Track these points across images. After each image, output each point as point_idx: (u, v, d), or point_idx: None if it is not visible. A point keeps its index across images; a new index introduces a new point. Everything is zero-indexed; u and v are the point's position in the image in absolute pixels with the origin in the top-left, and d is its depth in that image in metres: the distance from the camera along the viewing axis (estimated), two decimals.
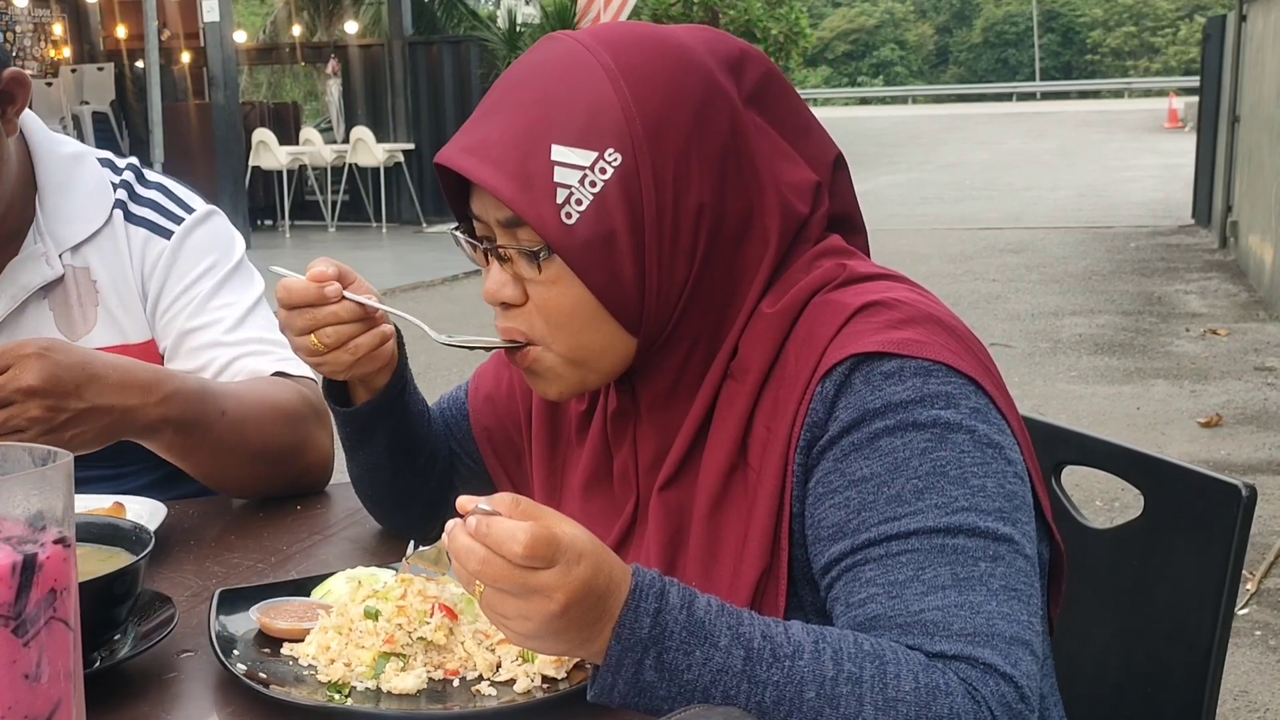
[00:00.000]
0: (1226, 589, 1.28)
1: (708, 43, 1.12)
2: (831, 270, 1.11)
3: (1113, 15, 65.78)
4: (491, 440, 1.38)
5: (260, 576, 1.34)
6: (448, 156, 1.09)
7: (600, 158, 1.04)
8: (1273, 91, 9.12)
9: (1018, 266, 10.46)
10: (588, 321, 1.09)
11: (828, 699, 0.91)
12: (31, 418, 1.31)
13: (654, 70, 1.07)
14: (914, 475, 1.00)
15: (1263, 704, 3.19)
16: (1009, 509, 1.00)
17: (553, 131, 1.04)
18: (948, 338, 1.05)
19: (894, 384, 1.02)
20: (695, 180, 1.07)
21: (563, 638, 0.92)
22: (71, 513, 0.78)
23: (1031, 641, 0.97)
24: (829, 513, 1.03)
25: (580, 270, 1.06)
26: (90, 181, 1.66)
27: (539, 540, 0.87)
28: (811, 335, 1.07)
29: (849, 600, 1.00)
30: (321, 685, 1.05)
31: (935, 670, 0.93)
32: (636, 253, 1.06)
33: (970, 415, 1.01)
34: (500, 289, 1.12)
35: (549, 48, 1.11)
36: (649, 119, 1.05)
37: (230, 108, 12.85)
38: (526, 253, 1.08)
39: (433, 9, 18.66)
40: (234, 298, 1.67)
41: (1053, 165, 21.14)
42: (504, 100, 1.09)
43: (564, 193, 1.04)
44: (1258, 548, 4.03)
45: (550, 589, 0.88)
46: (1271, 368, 6.72)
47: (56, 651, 0.78)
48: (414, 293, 10.25)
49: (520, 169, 1.04)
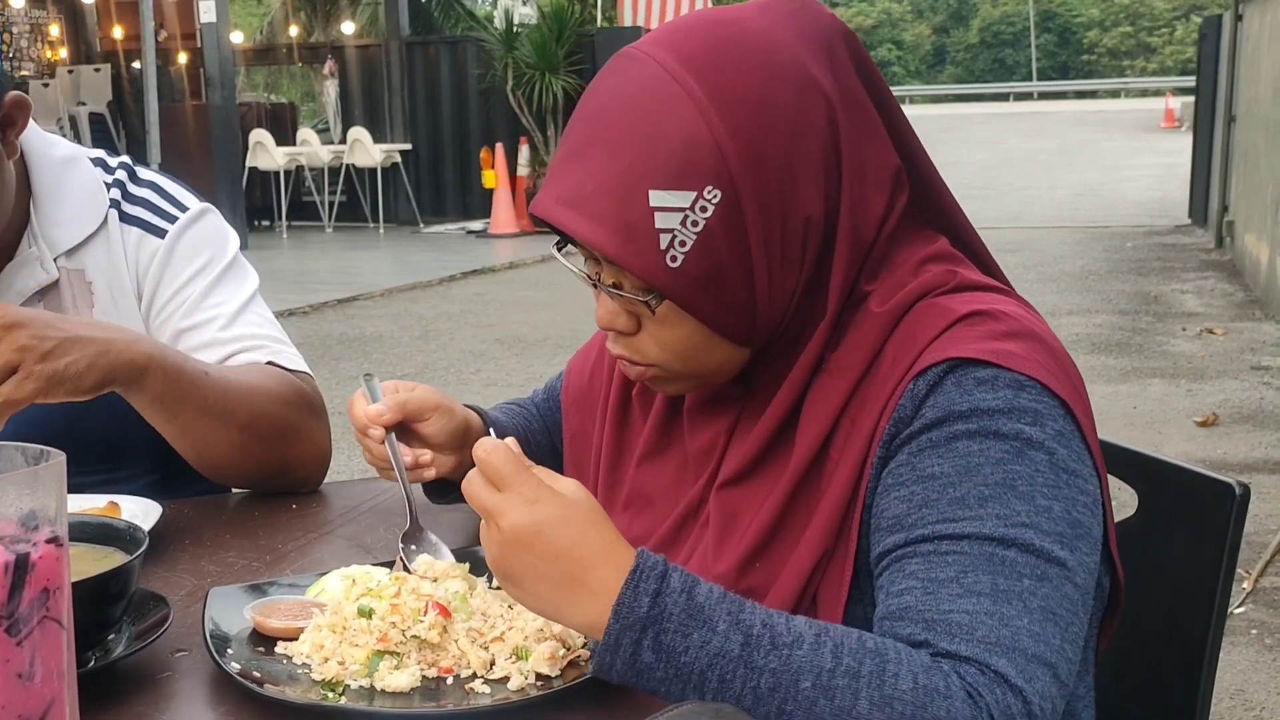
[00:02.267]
0: (1221, 586, 1.29)
1: (796, 25, 1.07)
2: (941, 275, 1.11)
3: (1109, 15, 65.83)
4: (574, 445, 1.42)
5: (255, 575, 1.34)
6: (544, 210, 1.07)
7: (699, 197, 1.02)
8: (1268, 91, 9.13)
9: (1015, 266, 10.48)
10: (702, 348, 1.10)
11: (824, 690, 0.91)
12: (21, 347, 1.33)
13: (744, 90, 1.03)
14: (983, 482, 0.99)
15: (1259, 702, 3.20)
16: (1070, 535, 0.99)
17: (648, 176, 1.02)
18: (1047, 357, 1.05)
19: (985, 391, 1.01)
20: (798, 193, 1.05)
21: (525, 586, 0.97)
22: (64, 512, 0.78)
23: (1057, 665, 0.95)
24: (892, 504, 1.03)
25: (691, 309, 1.07)
26: (84, 184, 1.66)
27: (499, 455, 0.95)
28: (912, 336, 1.07)
29: (889, 589, 1.00)
30: (315, 684, 1.05)
31: (937, 672, 0.93)
32: (745, 278, 1.05)
33: (1054, 437, 1.01)
34: (614, 319, 1.12)
35: (629, 70, 1.06)
36: (746, 147, 1.02)
37: (227, 108, 12.84)
38: (637, 301, 1.08)
39: (430, 9, 18.67)
40: (228, 295, 1.67)
41: (1050, 165, 21.17)
42: (592, 140, 1.06)
43: (666, 238, 1.02)
44: (1254, 546, 4.03)
45: (496, 513, 0.95)
46: (1268, 367, 6.73)
47: (49, 651, 0.78)
48: (411, 293, 10.25)
49: (620, 220, 1.03)
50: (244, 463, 1.57)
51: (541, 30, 14.27)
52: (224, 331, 1.63)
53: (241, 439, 1.54)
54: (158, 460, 1.66)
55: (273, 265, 11.12)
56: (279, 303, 7.73)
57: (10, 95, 1.52)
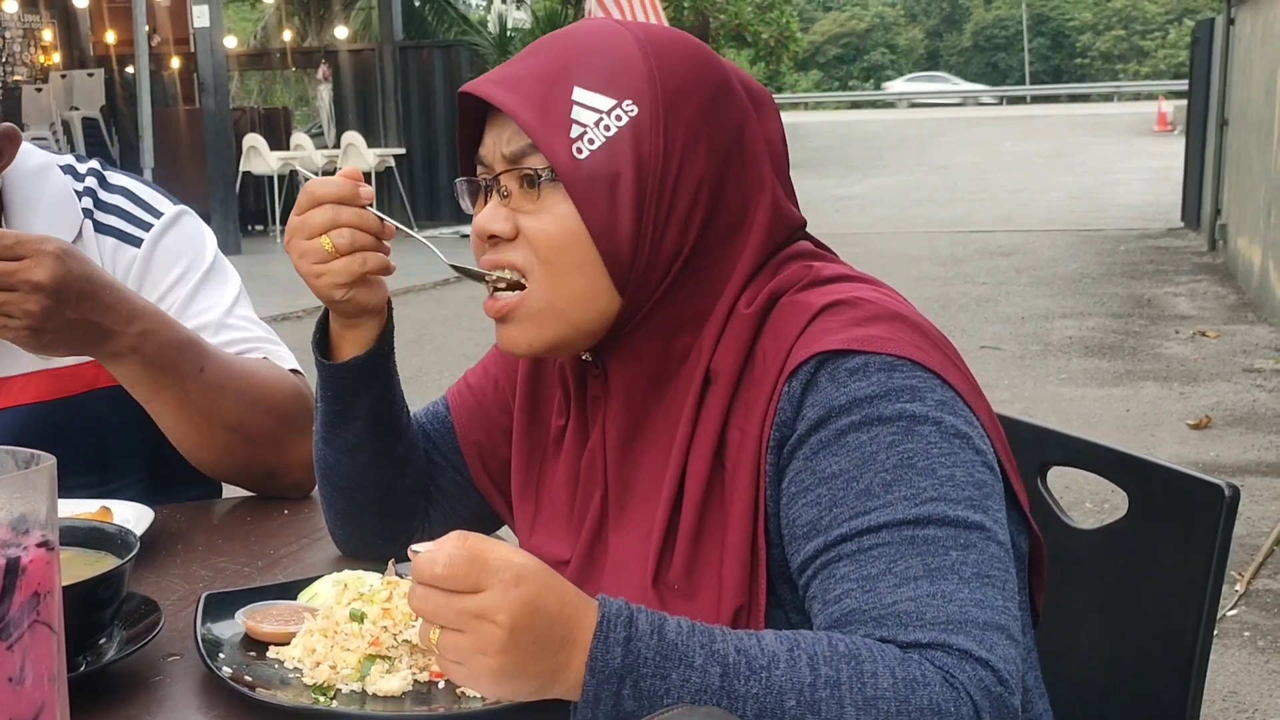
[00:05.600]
0: (1210, 588, 1.29)
1: (733, 68, 1.18)
2: (797, 272, 1.13)
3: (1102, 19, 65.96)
4: (481, 454, 1.37)
5: (247, 580, 1.34)
6: (474, 85, 1.14)
7: (618, 105, 1.09)
8: (1260, 94, 9.15)
9: (1008, 269, 10.47)
10: (579, 260, 1.10)
11: (808, 705, 0.91)
12: (26, 310, 1.35)
13: (679, 52, 1.13)
14: (882, 469, 1.01)
15: (1251, 704, 3.20)
16: (979, 497, 1.01)
17: (577, 74, 1.10)
18: (911, 333, 1.06)
19: (859, 380, 1.03)
20: (701, 156, 1.10)
21: (527, 670, 0.90)
22: (55, 516, 0.79)
23: (1008, 626, 0.97)
24: (802, 511, 1.03)
25: (580, 201, 1.08)
26: (56, 194, 1.63)
27: (458, 559, 0.87)
28: (778, 335, 1.09)
29: (825, 597, 1.01)
30: (307, 688, 1.05)
31: (911, 663, 0.93)
32: (636, 205, 1.09)
33: (936, 407, 1.02)
34: (491, 221, 1.13)
35: (577, 24, 1.19)
36: (669, 87, 1.10)
37: (221, 113, 12.84)
38: (528, 176, 1.10)
39: (423, 14, 18.66)
40: (212, 301, 1.65)
41: (1043, 168, 21.19)
42: (536, 49, 1.15)
43: (578, 129, 1.08)
44: (1247, 549, 4.04)
45: (491, 611, 0.87)
46: (1260, 369, 6.75)
47: (40, 655, 0.78)
48: (405, 296, 10.24)
49: (541, 101, 1.09)
50: (228, 459, 1.57)
51: (535, 34, 14.28)
52: (214, 338, 1.61)
53: (226, 439, 1.53)
54: (150, 465, 1.66)
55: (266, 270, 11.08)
56: (273, 307, 7.72)
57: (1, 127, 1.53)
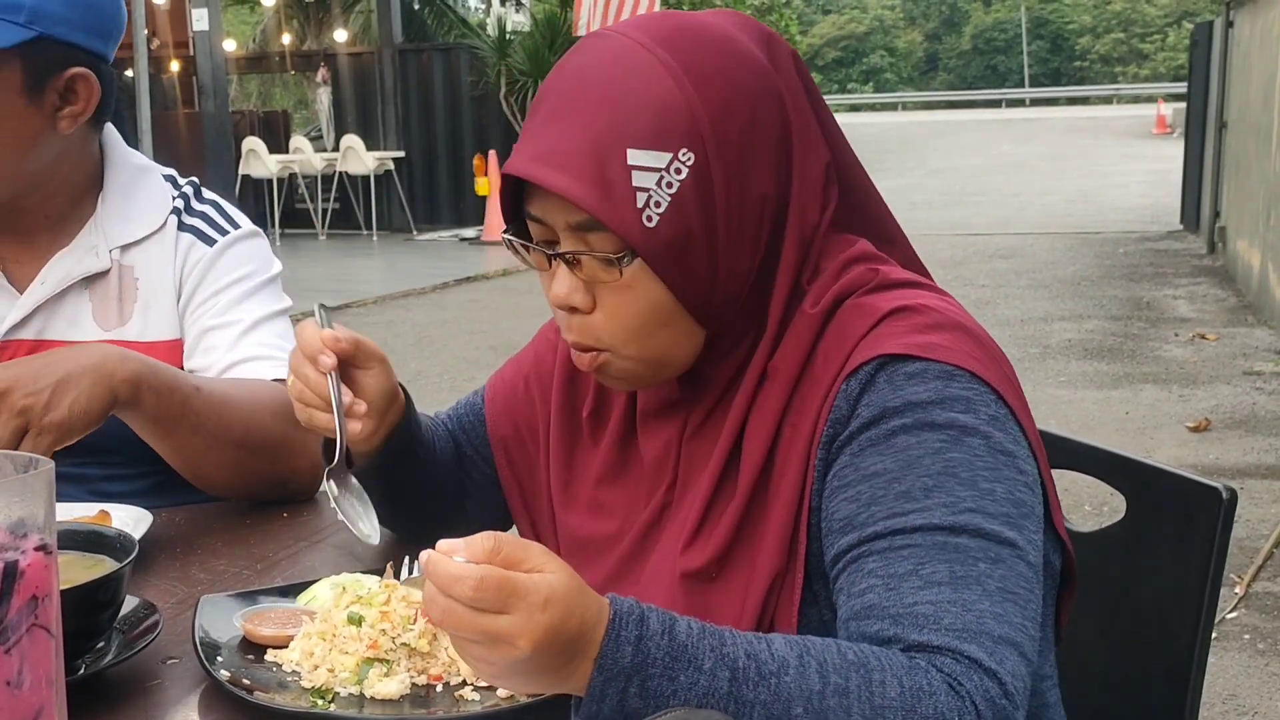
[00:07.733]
0: (1208, 590, 1.29)
1: (741, 26, 1.12)
2: (864, 274, 1.12)
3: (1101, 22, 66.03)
4: (508, 452, 1.38)
5: (245, 583, 1.34)
6: (518, 167, 1.07)
7: (675, 158, 1.04)
8: (1259, 97, 9.16)
9: (1007, 272, 10.48)
10: (664, 322, 1.10)
11: (816, 713, 0.91)
12: (22, 409, 1.34)
13: (712, 65, 1.07)
14: (925, 473, 1.01)
15: (1251, 707, 3.20)
16: (1016, 515, 1.01)
17: (624, 135, 1.04)
18: (973, 345, 1.07)
19: (915, 384, 1.03)
20: (757, 170, 1.08)
21: (536, 679, 0.91)
22: (53, 520, 0.79)
23: (1022, 644, 0.97)
24: (841, 506, 1.04)
25: (662, 272, 1.07)
26: (152, 191, 1.76)
27: (489, 583, 0.86)
28: (841, 337, 1.09)
29: (850, 590, 1.01)
30: (305, 691, 1.05)
31: (918, 671, 0.93)
32: (710, 247, 1.07)
33: (987, 422, 1.03)
34: (570, 294, 1.10)
35: (600, 47, 1.09)
36: (714, 115, 1.05)
37: (220, 116, 12.83)
38: (606, 259, 1.07)
39: (423, 16, 18.68)
40: (258, 307, 1.72)
41: (1042, 171, 21.21)
42: (567, 105, 1.07)
43: (643, 196, 1.04)
44: (1246, 551, 4.03)
45: (513, 636, 0.86)
46: (1260, 372, 6.75)
47: (38, 659, 0.78)
48: (405, 300, 10.25)
49: (599, 177, 1.03)
50: (239, 476, 1.58)
51: (534, 37, 14.30)
52: (243, 336, 1.67)
53: (237, 455, 1.54)
54: (149, 468, 1.66)
55: None
56: None
57: (76, 70, 1.58)
